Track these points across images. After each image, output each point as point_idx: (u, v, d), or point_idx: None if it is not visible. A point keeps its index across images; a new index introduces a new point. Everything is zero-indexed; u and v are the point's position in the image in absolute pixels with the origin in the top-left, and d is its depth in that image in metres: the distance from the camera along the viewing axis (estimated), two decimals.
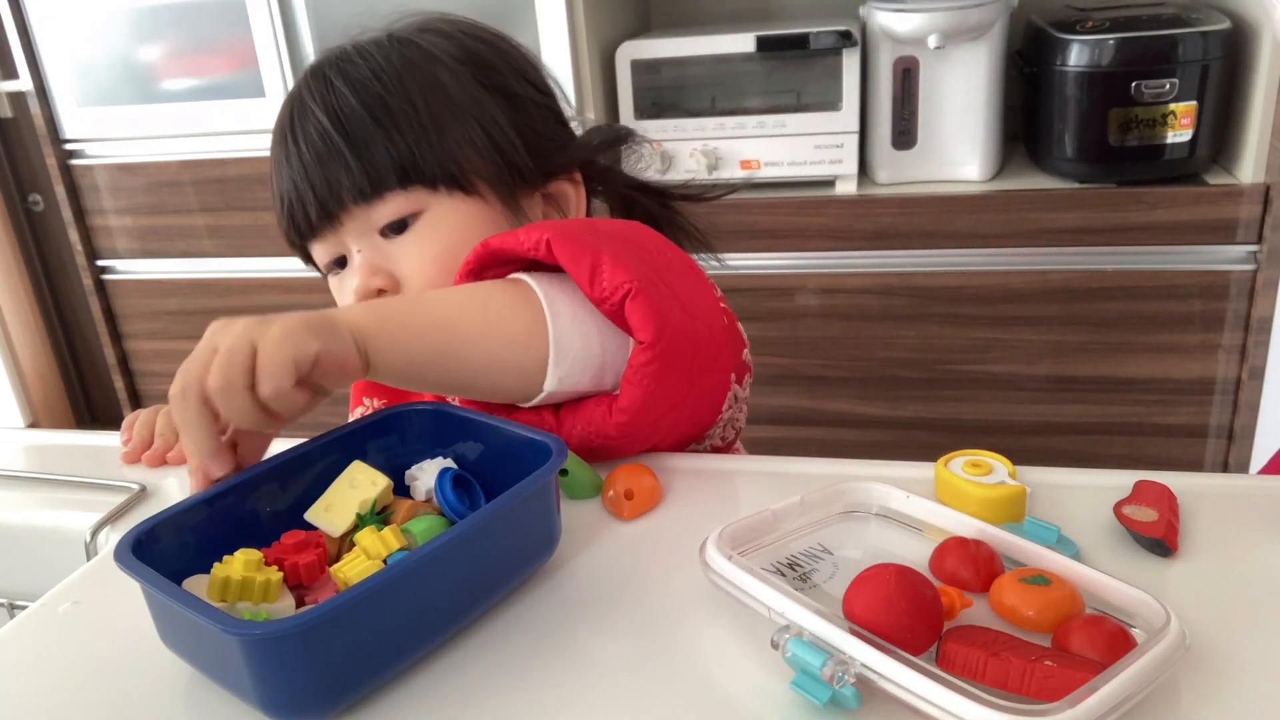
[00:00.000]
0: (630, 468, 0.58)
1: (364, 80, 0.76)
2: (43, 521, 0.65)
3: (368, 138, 0.74)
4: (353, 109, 0.75)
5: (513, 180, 0.78)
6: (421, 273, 0.74)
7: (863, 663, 0.40)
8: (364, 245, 0.75)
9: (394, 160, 0.74)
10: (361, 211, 0.74)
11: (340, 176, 0.74)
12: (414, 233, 0.75)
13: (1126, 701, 0.37)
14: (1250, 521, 0.53)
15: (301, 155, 0.76)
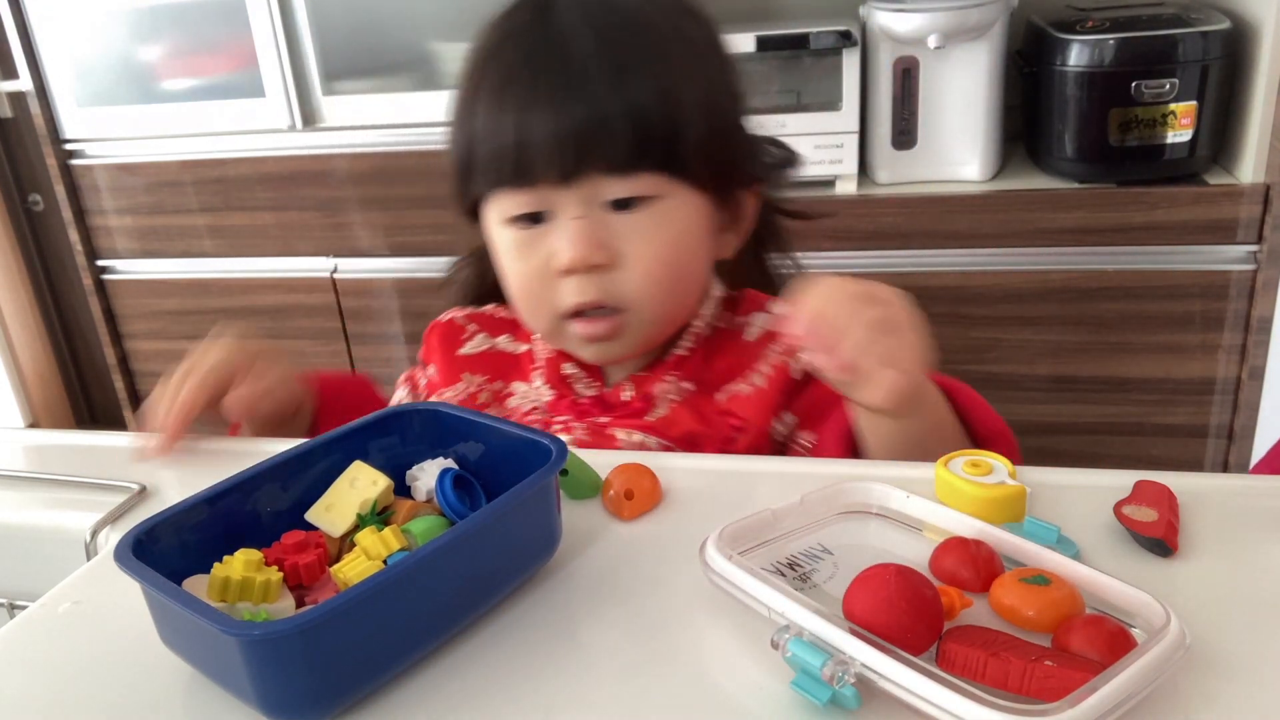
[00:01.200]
0: (630, 468, 0.58)
1: (645, 31, 0.69)
2: (43, 521, 0.65)
3: (645, 107, 0.67)
4: (635, 65, 0.67)
5: (727, 183, 0.74)
6: (648, 258, 0.69)
7: (863, 663, 0.40)
8: (585, 213, 0.69)
9: (661, 139, 0.68)
10: (600, 180, 0.68)
11: (598, 139, 0.67)
12: (645, 215, 0.69)
13: (1127, 701, 0.37)
14: (1250, 521, 0.53)
15: (547, 96, 0.67)
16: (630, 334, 0.73)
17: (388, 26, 1.77)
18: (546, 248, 0.70)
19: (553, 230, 0.70)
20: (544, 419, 0.78)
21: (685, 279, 0.73)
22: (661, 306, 0.72)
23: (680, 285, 0.73)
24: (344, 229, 1.89)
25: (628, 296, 0.71)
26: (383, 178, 1.83)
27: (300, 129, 1.84)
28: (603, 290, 0.70)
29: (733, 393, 0.76)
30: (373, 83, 1.81)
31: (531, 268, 0.71)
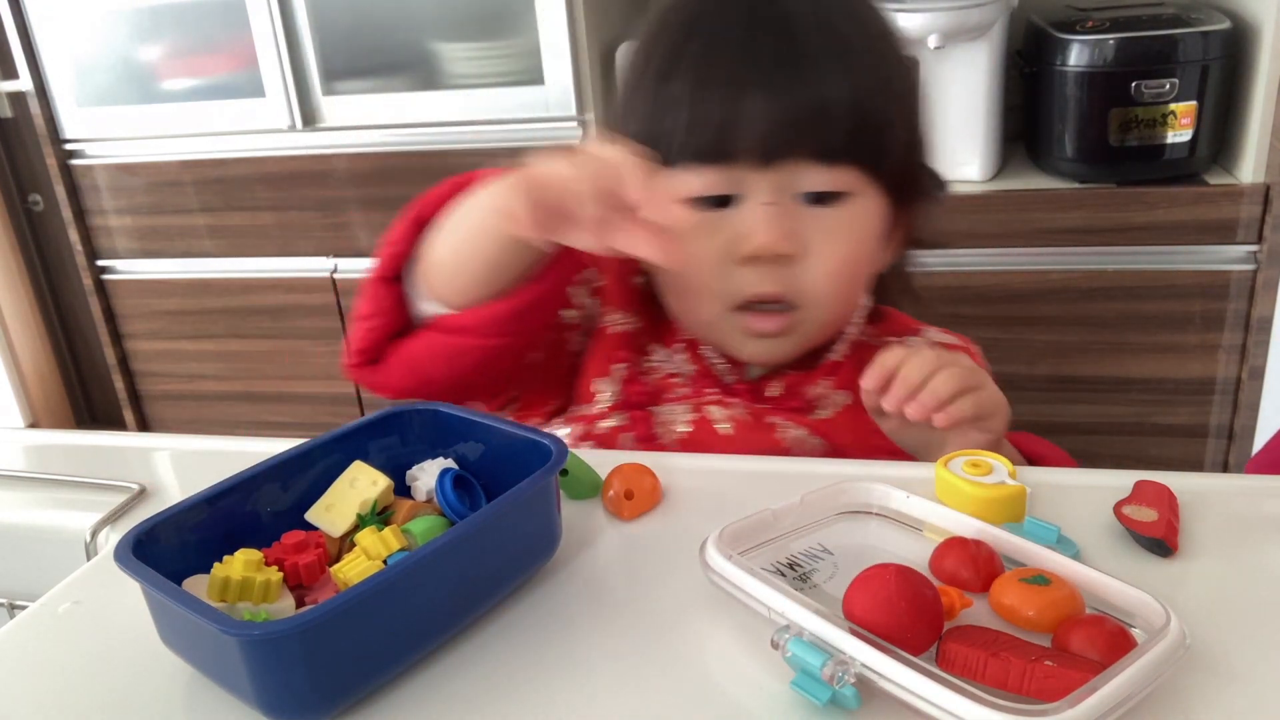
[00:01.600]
0: (630, 468, 0.58)
1: (865, 20, 0.67)
2: (43, 521, 0.65)
3: (864, 97, 0.64)
4: (858, 52, 0.65)
5: (910, 193, 0.72)
6: (834, 257, 0.67)
7: (863, 663, 0.40)
8: (778, 200, 0.66)
9: (872, 134, 0.65)
10: (802, 167, 0.65)
11: (812, 124, 0.64)
12: (838, 211, 0.66)
13: (1127, 701, 0.37)
14: (1250, 521, 0.53)
15: (763, 71, 0.63)
16: (798, 334, 0.71)
17: (388, 26, 1.77)
18: (730, 231, 0.66)
19: (739, 214, 0.66)
20: (691, 388, 0.75)
21: (858, 284, 0.72)
22: (834, 309, 0.71)
23: (854, 289, 0.71)
24: (344, 229, 1.89)
25: (806, 294, 0.68)
26: (383, 178, 1.83)
27: (300, 129, 1.84)
28: (784, 283, 0.67)
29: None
30: (373, 83, 1.81)
31: (710, 251, 0.67)
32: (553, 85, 1.71)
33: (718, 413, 0.73)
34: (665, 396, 0.76)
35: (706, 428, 0.73)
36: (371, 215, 1.87)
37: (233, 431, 2.12)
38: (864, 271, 0.72)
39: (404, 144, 1.80)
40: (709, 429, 0.73)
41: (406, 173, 1.81)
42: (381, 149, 1.81)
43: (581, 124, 1.74)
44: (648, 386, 0.76)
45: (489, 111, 1.75)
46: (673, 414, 0.74)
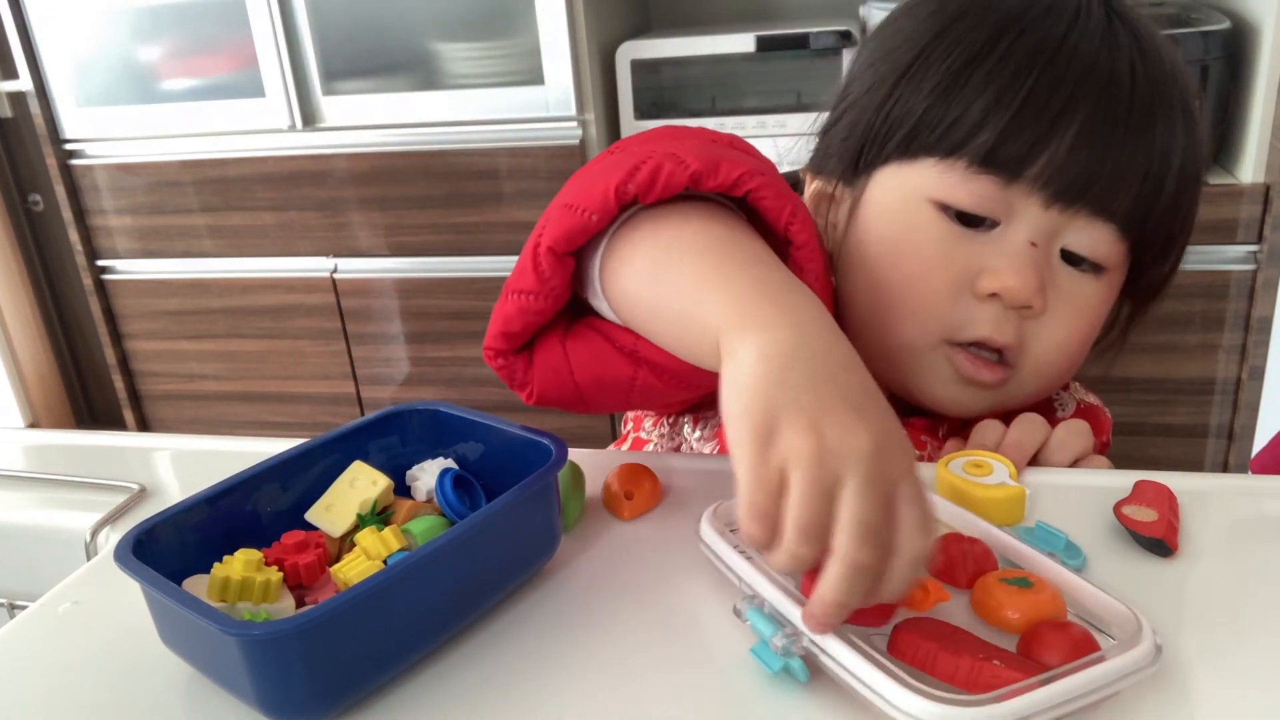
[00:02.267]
0: (630, 468, 0.58)
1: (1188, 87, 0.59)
2: (43, 521, 0.65)
3: (1187, 175, 0.58)
4: (1185, 118, 0.58)
5: (1157, 284, 0.65)
6: (1071, 328, 0.60)
7: (810, 638, 0.41)
8: (1043, 245, 0.58)
9: (1166, 210, 0.59)
10: (1086, 221, 0.58)
11: (1127, 185, 0.57)
12: (1094, 282, 0.60)
13: (1063, 706, 0.37)
14: (1250, 521, 0.53)
15: (1092, 93, 0.56)
16: (1002, 395, 0.62)
17: (388, 26, 1.77)
18: (978, 260, 0.58)
19: (995, 243, 0.58)
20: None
21: (1078, 363, 0.64)
22: (1050, 382, 0.63)
23: (1074, 367, 0.64)
24: (344, 229, 1.89)
25: (1030, 356, 0.61)
26: (383, 178, 1.83)
27: (300, 129, 1.84)
28: (1019, 335, 0.59)
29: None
30: (373, 83, 1.81)
31: (952, 274, 0.59)
32: (553, 85, 1.71)
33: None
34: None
35: None
36: (371, 215, 1.87)
37: (233, 431, 2.12)
38: (1086, 352, 0.64)
39: (404, 144, 1.80)
40: None
41: (406, 173, 1.82)
42: (381, 149, 1.82)
43: (581, 124, 1.74)
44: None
45: (489, 111, 1.76)
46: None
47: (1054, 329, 0.60)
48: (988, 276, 0.58)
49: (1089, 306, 0.60)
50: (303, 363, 2.03)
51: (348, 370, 1.99)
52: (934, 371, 0.62)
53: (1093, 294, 0.60)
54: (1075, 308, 0.60)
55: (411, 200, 1.83)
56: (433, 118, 1.79)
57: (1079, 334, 0.61)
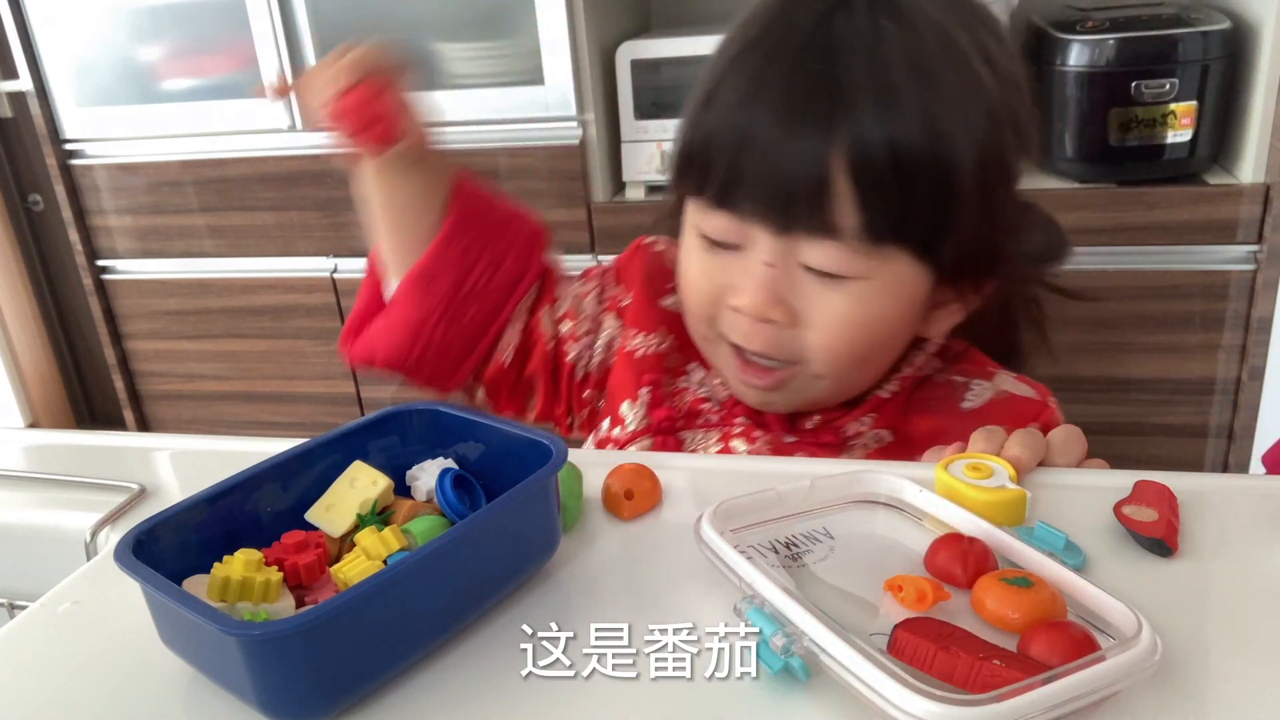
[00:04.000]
0: (630, 468, 0.58)
1: (926, 89, 0.59)
2: (43, 521, 0.65)
3: (922, 182, 0.58)
4: (902, 138, 0.57)
5: (963, 270, 0.65)
6: (833, 334, 0.63)
7: (810, 638, 0.41)
8: (779, 264, 0.62)
9: (906, 217, 0.59)
10: (806, 241, 0.61)
11: (820, 202, 0.58)
12: (845, 292, 0.62)
13: (1062, 705, 0.37)
14: (1250, 521, 0.53)
15: (787, 134, 0.58)
16: (795, 392, 0.67)
17: (388, 26, 1.77)
18: (728, 277, 0.64)
19: (740, 263, 0.63)
20: (720, 414, 0.73)
21: (869, 359, 0.66)
22: (834, 380, 0.66)
23: (860, 363, 0.66)
24: (344, 229, 1.89)
25: (800, 355, 0.65)
26: None
27: (300, 129, 1.84)
28: (774, 344, 0.64)
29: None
30: None
31: (707, 290, 0.66)
32: (552, 85, 1.71)
33: (741, 445, 0.71)
34: (693, 422, 0.74)
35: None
36: None
37: (233, 431, 2.12)
38: (879, 347, 0.66)
39: None
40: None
41: None
42: None
43: (581, 124, 1.74)
44: (675, 411, 0.74)
45: (489, 111, 1.76)
46: (699, 441, 0.73)
47: (817, 335, 0.64)
48: (731, 294, 0.64)
49: (842, 312, 0.63)
50: (303, 363, 2.03)
51: (348, 370, 1.99)
52: (725, 365, 0.69)
53: (844, 300, 0.62)
54: (827, 315, 0.63)
55: None
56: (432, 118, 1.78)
57: (847, 336, 0.63)
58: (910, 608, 0.45)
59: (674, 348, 0.76)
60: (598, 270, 0.82)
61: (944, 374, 0.72)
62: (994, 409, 0.70)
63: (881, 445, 0.71)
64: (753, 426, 0.72)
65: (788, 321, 0.63)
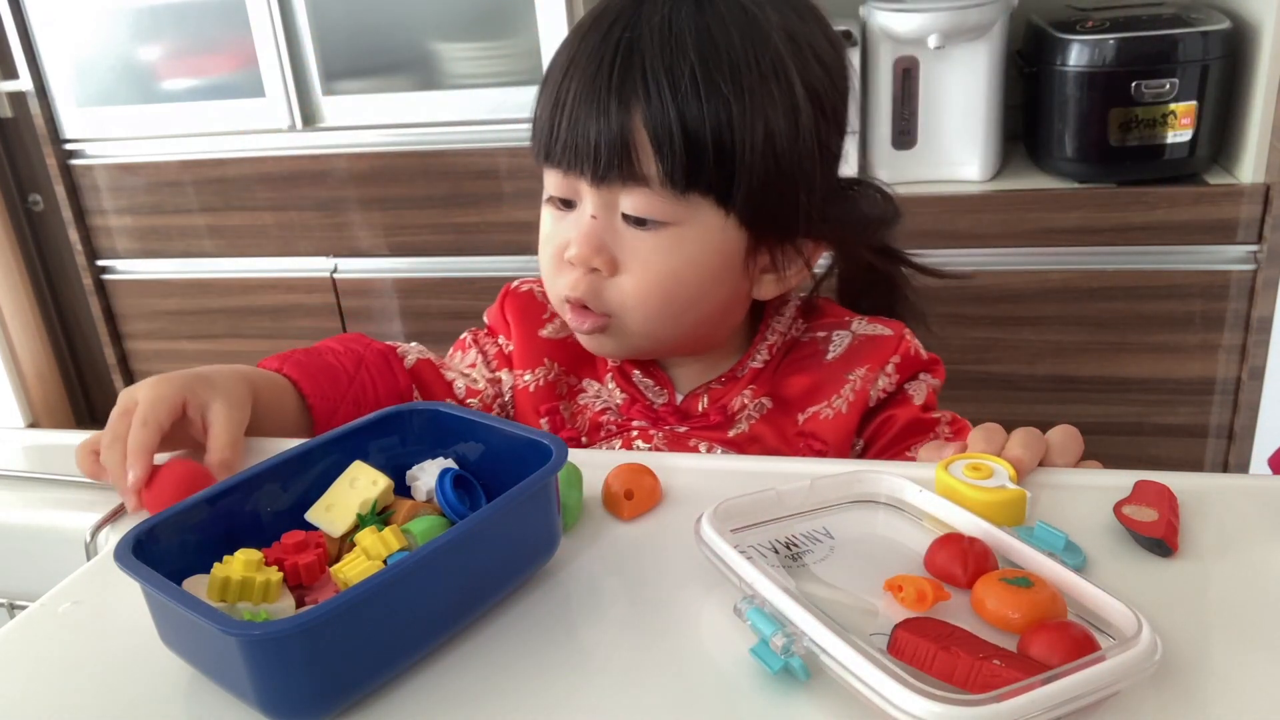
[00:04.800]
0: (630, 468, 0.58)
1: (725, 51, 0.65)
2: (43, 521, 0.65)
3: (698, 124, 0.64)
4: (701, 88, 0.64)
5: (774, 230, 0.71)
6: (643, 279, 0.69)
7: (810, 638, 0.41)
8: (601, 215, 0.69)
9: (706, 165, 0.66)
10: (620, 190, 0.68)
11: (629, 151, 0.66)
12: (656, 237, 0.68)
13: (1063, 706, 0.37)
14: (1250, 521, 0.53)
15: (599, 94, 0.66)
16: (617, 338, 0.73)
17: (388, 26, 1.77)
18: (566, 233, 0.71)
19: (574, 221, 0.71)
20: (618, 420, 0.78)
21: (686, 306, 0.71)
22: (649, 324, 0.72)
23: (677, 310, 0.71)
24: (344, 229, 1.89)
25: (613, 305, 0.71)
26: (383, 178, 1.83)
27: (300, 129, 1.84)
28: (591, 292, 0.71)
29: (814, 414, 0.75)
30: (373, 83, 1.81)
31: (551, 247, 0.72)
32: None
33: (642, 444, 0.76)
34: (596, 436, 0.78)
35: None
36: (371, 215, 1.87)
37: None
38: (691, 296, 0.71)
39: (404, 144, 1.80)
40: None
41: (406, 173, 1.81)
42: (381, 149, 1.81)
43: None
44: (577, 431, 0.79)
45: (489, 111, 1.76)
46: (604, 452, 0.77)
47: (629, 281, 0.70)
48: (565, 248, 0.71)
49: (662, 257, 0.69)
50: None
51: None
52: (571, 324, 0.75)
53: (664, 246, 0.69)
54: (642, 261, 0.69)
55: (411, 200, 1.83)
56: (433, 118, 1.78)
57: (656, 282, 0.70)
58: (910, 608, 0.45)
59: (561, 374, 0.81)
60: (469, 338, 0.86)
61: (808, 333, 0.79)
62: (855, 353, 0.76)
63: (763, 413, 0.76)
64: (649, 426, 0.77)
65: (608, 270, 0.70)
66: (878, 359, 0.76)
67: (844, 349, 0.77)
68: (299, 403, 0.73)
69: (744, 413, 0.76)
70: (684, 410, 0.77)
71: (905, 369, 0.76)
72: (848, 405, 0.75)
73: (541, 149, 0.70)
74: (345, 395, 0.75)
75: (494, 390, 0.82)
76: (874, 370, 0.75)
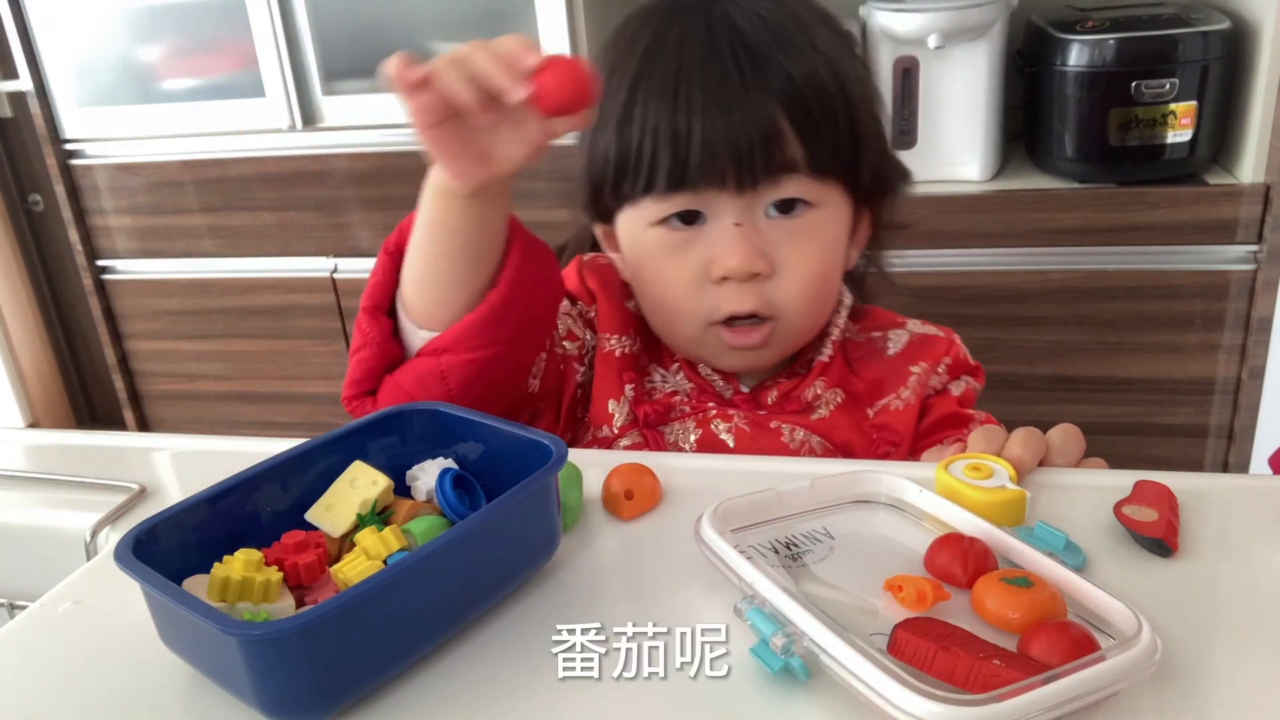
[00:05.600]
0: (630, 468, 0.58)
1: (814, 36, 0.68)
2: (43, 521, 0.65)
3: (820, 105, 0.67)
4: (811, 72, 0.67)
5: (873, 194, 0.74)
6: (804, 268, 0.69)
7: (811, 638, 0.41)
8: (745, 221, 0.68)
9: (832, 142, 0.68)
10: (764, 187, 0.68)
11: (765, 146, 0.66)
12: (802, 223, 0.69)
13: (1063, 706, 0.37)
14: (1250, 521, 0.53)
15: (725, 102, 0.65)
16: (776, 342, 0.74)
17: (388, 26, 1.77)
18: (703, 252, 0.69)
19: (709, 234, 0.69)
20: (691, 404, 0.77)
21: (831, 288, 0.74)
22: (809, 316, 0.73)
23: (826, 294, 0.74)
24: (344, 229, 1.89)
25: (780, 305, 0.71)
26: (383, 178, 1.83)
27: (300, 129, 1.84)
28: (760, 298, 0.70)
29: (884, 407, 0.77)
30: (373, 83, 1.81)
31: (687, 271, 0.70)
32: None
33: (721, 425, 0.75)
34: (672, 415, 0.77)
35: (713, 440, 0.74)
36: (371, 215, 1.87)
37: (233, 431, 2.12)
38: (835, 275, 0.74)
39: (404, 144, 1.80)
40: (716, 441, 0.74)
41: (406, 173, 1.81)
42: (381, 149, 1.81)
43: None
44: (655, 406, 0.77)
45: None
46: (680, 431, 0.76)
47: (791, 276, 0.69)
48: (715, 265, 0.69)
49: (815, 241, 0.70)
50: (303, 363, 2.02)
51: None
52: (714, 348, 0.74)
53: (813, 229, 0.69)
54: (801, 249, 0.69)
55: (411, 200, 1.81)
56: None
57: (816, 267, 0.70)
58: (910, 608, 0.45)
59: (642, 349, 0.80)
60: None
61: (861, 334, 0.81)
62: (914, 349, 0.79)
63: (840, 403, 0.77)
64: (725, 408, 0.76)
65: (768, 271, 0.69)
66: (934, 357, 0.79)
67: (904, 346, 0.80)
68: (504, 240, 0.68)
69: (821, 401, 0.77)
70: (755, 400, 0.77)
71: (955, 371, 0.79)
72: (915, 397, 0.77)
73: (663, 178, 0.67)
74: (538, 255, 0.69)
75: (584, 349, 0.79)
76: (932, 367, 0.78)
